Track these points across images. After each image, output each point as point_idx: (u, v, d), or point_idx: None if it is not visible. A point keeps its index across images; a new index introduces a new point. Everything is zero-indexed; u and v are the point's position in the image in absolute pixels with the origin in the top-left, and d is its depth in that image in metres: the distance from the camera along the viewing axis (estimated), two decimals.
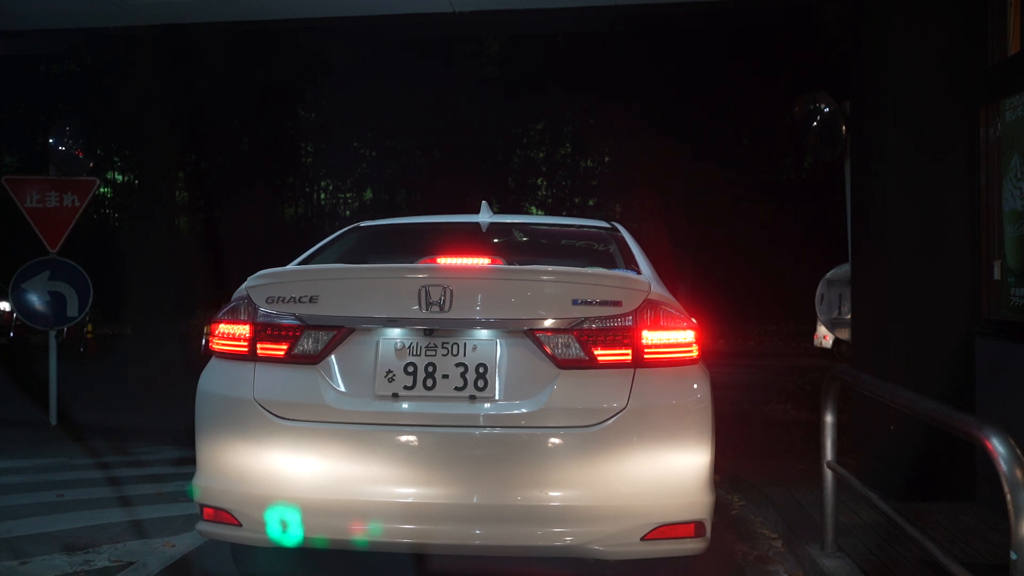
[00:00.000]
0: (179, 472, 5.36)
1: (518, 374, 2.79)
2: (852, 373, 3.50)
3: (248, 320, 2.92)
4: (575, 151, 28.96)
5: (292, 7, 6.67)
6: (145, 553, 3.74)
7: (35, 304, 7.42)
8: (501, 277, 2.93)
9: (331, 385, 2.82)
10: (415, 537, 2.71)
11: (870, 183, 5.02)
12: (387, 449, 2.72)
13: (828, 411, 3.50)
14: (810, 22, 8.27)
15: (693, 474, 2.77)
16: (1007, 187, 4.41)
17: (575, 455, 2.70)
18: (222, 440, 2.87)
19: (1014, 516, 1.96)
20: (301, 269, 3.26)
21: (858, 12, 5.28)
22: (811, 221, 22.39)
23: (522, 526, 2.69)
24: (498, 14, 6.71)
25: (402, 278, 2.89)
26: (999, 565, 2.72)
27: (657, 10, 6.67)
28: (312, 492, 2.71)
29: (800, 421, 7.91)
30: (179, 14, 6.98)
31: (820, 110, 5.73)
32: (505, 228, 4.31)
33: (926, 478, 4.50)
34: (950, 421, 2.33)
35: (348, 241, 3.94)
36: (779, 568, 3.77)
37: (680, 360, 2.86)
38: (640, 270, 3.32)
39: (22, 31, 7.48)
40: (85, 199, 7.52)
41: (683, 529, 2.75)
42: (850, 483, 3.28)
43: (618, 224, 4.17)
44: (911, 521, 2.70)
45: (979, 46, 4.63)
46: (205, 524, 2.90)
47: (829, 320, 6.37)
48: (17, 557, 3.64)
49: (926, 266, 4.65)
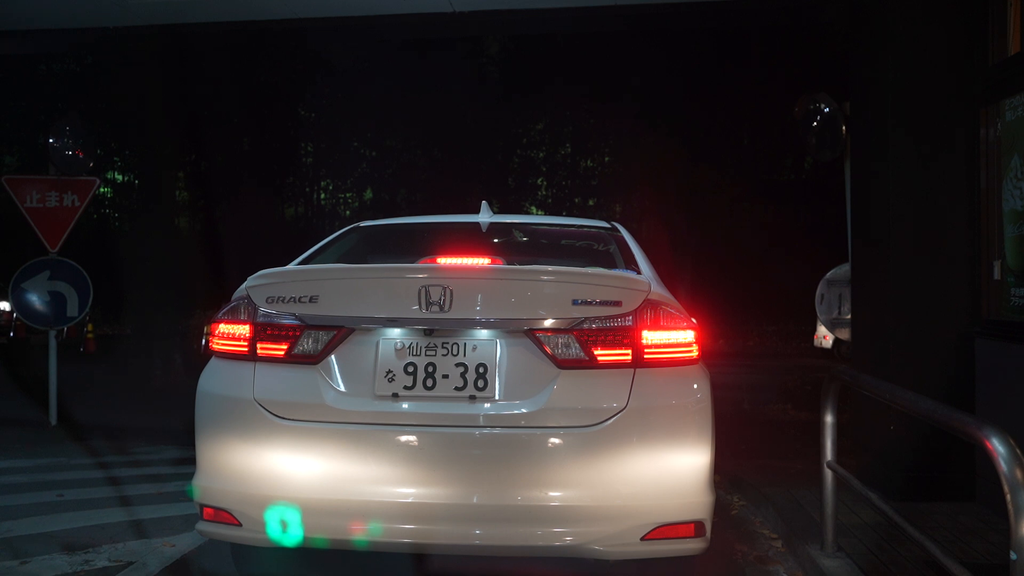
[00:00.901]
0: (179, 472, 5.36)
1: (518, 374, 2.79)
2: (852, 373, 3.50)
3: (248, 320, 2.92)
4: (575, 151, 28.96)
5: (292, 7, 6.67)
6: (145, 553, 3.74)
7: (35, 304, 7.42)
8: (501, 277, 2.93)
9: (331, 385, 2.82)
10: (415, 537, 2.71)
11: (870, 183, 5.02)
12: (387, 449, 2.72)
13: (828, 411, 3.50)
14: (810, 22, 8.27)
15: (693, 474, 2.77)
16: (1007, 187, 4.41)
17: (575, 455, 2.70)
18: (222, 440, 2.87)
19: (1014, 516, 1.96)
20: (301, 269, 3.25)
21: (858, 12, 5.28)
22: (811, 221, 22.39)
23: (522, 526, 2.69)
24: (498, 14, 6.71)
25: (402, 278, 2.88)
26: (999, 565, 2.72)
27: (657, 10, 6.66)
28: (312, 492, 2.71)
29: (800, 421, 7.91)
30: (179, 14, 6.99)
31: (820, 110, 5.73)
32: (505, 228, 4.31)
33: (926, 478, 4.50)
34: (950, 421, 2.33)
35: (348, 241, 3.93)
36: (779, 568, 3.77)
37: (680, 360, 2.86)
38: (640, 270, 3.32)
39: (23, 31, 7.49)
40: (85, 199, 7.53)
41: (683, 529, 2.75)
42: (850, 483, 3.28)
43: (618, 224, 4.17)
44: (911, 521, 2.70)
45: (979, 46, 4.63)
46: (205, 524, 2.90)
47: (829, 320, 6.37)
48: (17, 557, 3.64)
49: (926, 266, 4.65)
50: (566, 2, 6.48)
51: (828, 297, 6.28)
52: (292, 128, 27.17)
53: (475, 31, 9.38)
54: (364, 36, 8.93)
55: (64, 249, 7.53)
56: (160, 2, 6.66)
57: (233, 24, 7.12)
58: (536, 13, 6.68)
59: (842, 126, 5.58)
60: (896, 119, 4.73)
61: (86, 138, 7.64)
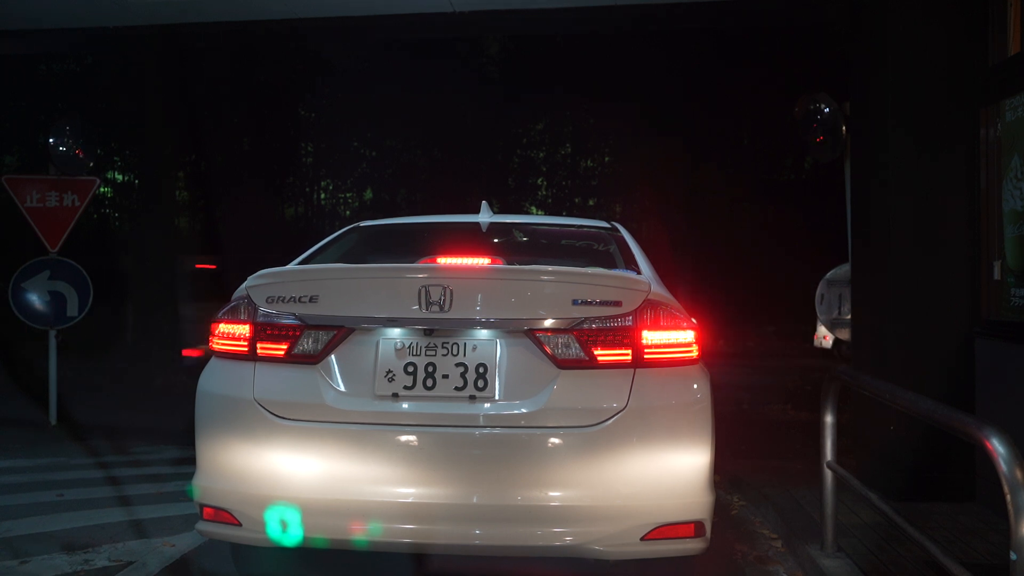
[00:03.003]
0: (179, 472, 5.35)
1: (518, 374, 2.79)
2: (852, 373, 3.50)
3: (248, 320, 2.92)
4: (575, 151, 28.94)
5: (292, 7, 6.67)
6: (145, 553, 3.74)
7: (35, 304, 7.42)
8: (501, 277, 2.93)
9: (331, 385, 2.82)
10: (415, 537, 2.71)
11: (870, 183, 5.02)
12: (387, 449, 2.72)
13: (828, 411, 3.51)
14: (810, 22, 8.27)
15: (693, 474, 2.77)
16: (1007, 187, 4.41)
17: (575, 455, 2.70)
18: (222, 440, 2.87)
19: (1014, 516, 1.96)
20: (301, 269, 3.26)
21: (858, 12, 5.28)
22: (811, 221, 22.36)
23: (522, 526, 2.69)
24: (498, 14, 6.71)
25: (402, 278, 2.89)
26: (999, 565, 2.72)
27: (657, 10, 6.66)
28: (312, 492, 2.72)
29: (800, 421, 7.90)
30: (179, 14, 6.98)
31: (820, 110, 5.73)
32: (505, 228, 4.31)
33: (926, 478, 4.50)
34: (950, 421, 2.33)
35: (348, 241, 3.93)
36: (779, 568, 3.77)
37: (680, 360, 2.86)
38: (640, 270, 3.32)
39: (23, 31, 7.49)
40: (85, 199, 7.52)
41: (683, 529, 2.75)
42: (850, 483, 3.28)
43: (618, 224, 4.17)
44: (911, 521, 2.70)
45: (979, 46, 4.63)
46: (205, 524, 2.90)
47: (829, 320, 6.36)
48: (17, 556, 3.64)
49: (926, 266, 4.65)
50: (566, 2, 6.48)
51: (828, 297, 6.28)
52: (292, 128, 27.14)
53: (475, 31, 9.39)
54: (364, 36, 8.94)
55: (64, 249, 7.53)
56: (160, 2, 6.66)
57: (233, 24, 7.12)
58: (536, 13, 6.68)
59: (842, 126, 5.58)
60: (896, 119, 4.73)
61: (86, 138, 7.63)
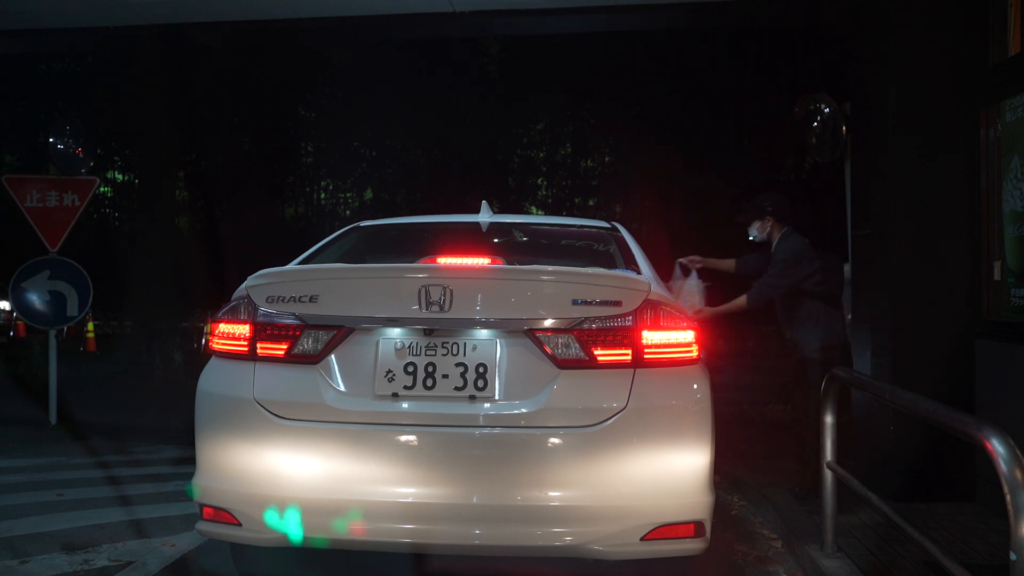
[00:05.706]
0: (179, 471, 5.36)
1: (518, 374, 2.78)
2: (852, 373, 3.50)
3: (248, 319, 2.92)
4: (575, 151, 28.94)
5: (292, 7, 6.67)
6: (145, 552, 3.74)
7: (35, 303, 7.42)
8: (501, 277, 2.93)
9: (331, 385, 2.82)
10: (415, 537, 2.71)
11: (870, 184, 5.02)
12: (387, 449, 2.72)
13: (828, 411, 3.50)
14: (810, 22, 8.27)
15: (693, 474, 2.77)
16: (1007, 188, 4.41)
17: (575, 455, 2.70)
18: (222, 440, 2.87)
19: (1014, 516, 1.96)
20: (301, 269, 3.25)
21: (858, 12, 5.28)
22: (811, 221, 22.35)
23: (522, 526, 2.69)
24: (498, 14, 6.71)
25: (402, 278, 2.89)
26: (999, 565, 2.72)
27: (657, 10, 6.66)
28: (312, 492, 2.71)
29: None
30: (180, 13, 6.98)
31: (820, 110, 5.73)
32: (505, 228, 4.31)
33: (926, 478, 4.50)
34: (950, 421, 2.33)
35: (348, 241, 3.93)
36: (779, 568, 3.77)
37: (680, 360, 2.86)
38: (640, 270, 3.32)
39: (23, 30, 7.48)
40: (85, 198, 7.53)
41: (683, 529, 2.75)
42: (850, 483, 3.28)
43: (618, 224, 4.16)
44: (911, 521, 2.70)
45: (979, 47, 4.63)
46: (205, 524, 2.90)
47: None
48: (17, 556, 3.64)
49: (926, 266, 4.65)
50: (566, 2, 6.48)
51: None
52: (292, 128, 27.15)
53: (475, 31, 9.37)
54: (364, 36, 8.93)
55: (64, 248, 7.53)
56: (161, 2, 6.66)
57: (233, 24, 7.12)
58: (536, 13, 6.68)
59: (842, 126, 5.58)
60: (896, 119, 4.72)
61: (86, 138, 7.64)
